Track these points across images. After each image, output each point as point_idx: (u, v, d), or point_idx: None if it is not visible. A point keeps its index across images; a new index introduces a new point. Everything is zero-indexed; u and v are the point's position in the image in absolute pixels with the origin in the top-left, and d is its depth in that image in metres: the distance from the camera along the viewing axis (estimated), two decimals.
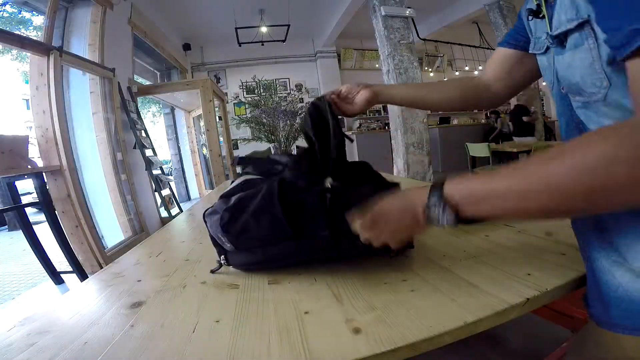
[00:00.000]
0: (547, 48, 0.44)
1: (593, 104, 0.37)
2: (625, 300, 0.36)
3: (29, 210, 2.22)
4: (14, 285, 2.82)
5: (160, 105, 7.16)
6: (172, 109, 6.09)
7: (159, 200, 3.92)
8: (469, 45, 6.58)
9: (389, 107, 3.59)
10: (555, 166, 0.29)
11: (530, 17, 0.46)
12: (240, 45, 5.47)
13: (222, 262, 0.55)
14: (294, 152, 0.59)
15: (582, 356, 0.46)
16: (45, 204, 2.28)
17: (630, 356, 0.37)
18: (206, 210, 0.57)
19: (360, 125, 7.09)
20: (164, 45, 4.91)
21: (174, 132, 6.25)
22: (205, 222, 0.57)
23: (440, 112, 8.05)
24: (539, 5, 0.43)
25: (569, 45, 0.37)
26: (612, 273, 0.38)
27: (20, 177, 2.15)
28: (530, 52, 0.50)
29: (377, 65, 7.02)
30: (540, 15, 0.43)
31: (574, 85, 0.38)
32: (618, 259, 0.38)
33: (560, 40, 0.39)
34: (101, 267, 1.95)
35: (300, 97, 6.74)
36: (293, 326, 0.40)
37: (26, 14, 3.59)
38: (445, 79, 0.63)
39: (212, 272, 0.55)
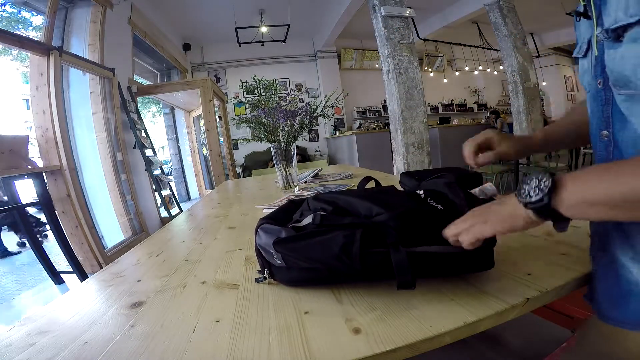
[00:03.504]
0: (587, 51, 0.46)
1: (638, 97, 0.38)
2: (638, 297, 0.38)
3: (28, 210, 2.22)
4: (14, 285, 2.82)
5: (160, 105, 7.16)
6: (172, 109, 6.09)
7: (159, 200, 3.92)
8: (469, 45, 6.58)
9: (389, 106, 3.59)
10: None
11: (578, 19, 0.47)
12: (240, 45, 5.47)
13: (267, 275, 0.52)
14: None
15: (585, 351, 0.47)
16: (45, 204, 2.28)
17: (633, 351, 0.37)
18: (262, 222, 0.54)
19: (360, 125, 7.09)
20: (164, 45, 4.91)
21: (174, 132, 6.25)
22: (257, 232, 0.53)
23: (440, 112, 8.07)
24: (585, 6, 0.44)
25: (626, 39, 0.38)
26: (629, 269, 0.39)
27: (20, 177, 2.16)
28: (574, 56, 0.52)
29: (377, 65, 7.03)
30: (589, 14, 0.44)
31: (623, 77, 0.39)
32: (635, 256, 0.38)
33: (617, 34, 0.39)
34: (101, 267, 1.95)
35: (300, 97, 6.76)
36: (293, 326, 0.40)
37: (26, 14, 3.58)
38: (576, 107, 0.63)
39: (257, 281, 0.53)
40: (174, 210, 4.17)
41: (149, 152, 3.77)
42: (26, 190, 2.61)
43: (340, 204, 0.52)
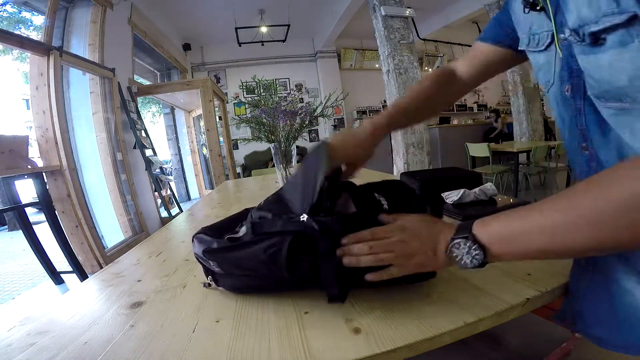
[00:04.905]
0: (549, 45, 0.40)
1: (635, 111, 0.32)
2: None
3: (28, 210, 2.23)
4: (14, 285, 2.82)
5: (160, 105, 7.16)
6: (172, 109, 6.09)
7: (159, 200, 3.92)
8: (469, 45, 6.57)
9: (389, 106, 3.59)
10: (595, 198, 0.28)
11: (526, 10, 0.42)
12: (240, 45, 5.48)
13: (210, 282, 0.52)
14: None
15: None
16: (45, 204, 2.28)
17: None
18: (199, 232, 0.54)
19: (360, 125, 7.08)
20: (164, 45, 4.91)
21: (174, 132, 6.25)
22: (193, 241, 0.53)
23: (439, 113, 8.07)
24: None
25: (610, 43, 0.31)
26: (632, 293, 0.37)
27: (20, 177, 2.15)
28: (520, 48, 0.48)
29: (377, 65, 7.03)
30: (538, 8, 0.39)
31: (617, 89, 0.32)
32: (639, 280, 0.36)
33: (594, 37, 0.32)
34: (101, 267, 1.95)
35: (300, 97, 6.76)
36: (293, 326, 0.40)
37: (26, 14, 3.59)
38: (423, 81, 0.69)
39: (205, 287, 0.53)
40: (174, 210, 4.17)
41: (149, 152, 3.77)
42: (26, 190, 2.61)
43: (279, 205, 0.50)
